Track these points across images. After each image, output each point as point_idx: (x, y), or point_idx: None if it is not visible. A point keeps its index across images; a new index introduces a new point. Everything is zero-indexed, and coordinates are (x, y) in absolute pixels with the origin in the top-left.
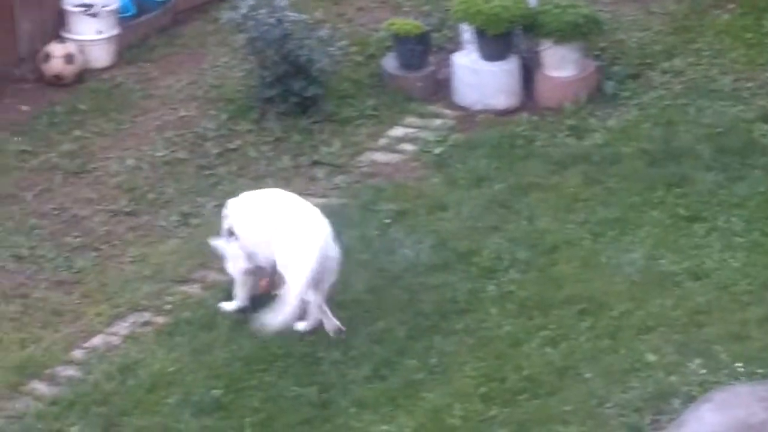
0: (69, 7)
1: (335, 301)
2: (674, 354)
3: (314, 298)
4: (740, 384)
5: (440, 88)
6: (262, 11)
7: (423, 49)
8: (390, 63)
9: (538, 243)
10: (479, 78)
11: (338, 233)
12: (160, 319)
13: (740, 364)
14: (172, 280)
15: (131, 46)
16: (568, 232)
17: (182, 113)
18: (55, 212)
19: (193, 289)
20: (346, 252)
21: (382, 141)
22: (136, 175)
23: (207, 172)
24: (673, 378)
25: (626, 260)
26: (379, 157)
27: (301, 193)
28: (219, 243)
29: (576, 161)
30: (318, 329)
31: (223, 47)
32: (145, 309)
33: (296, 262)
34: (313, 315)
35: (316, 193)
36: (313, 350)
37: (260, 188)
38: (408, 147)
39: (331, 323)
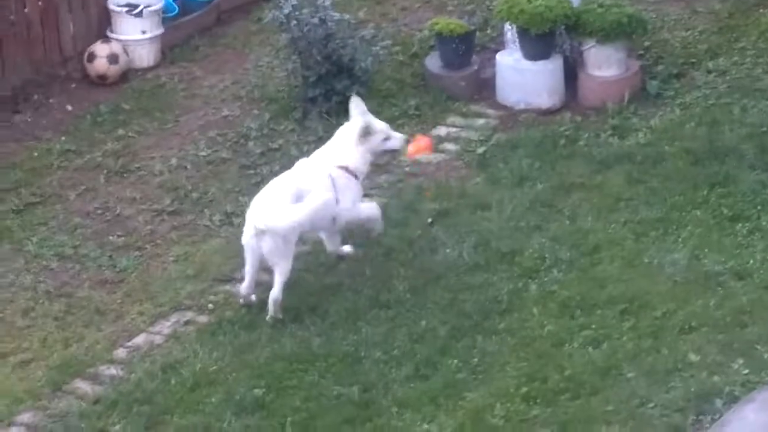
0: (114, 7)
1: (378, 299)
2: (717, 354)
3: None
4: None
5: (483, 88)
6: (305, 11)
7: (466, 49)
8: (433, 62)
9: (581, 243)
10: (522, 77)
11: (381, 234)
12: (203, 319)
13: None
14: (215, 279)
15: (175, 45)
16: (611, 232)
17: (225, 113)
18: (99, 211)
19: (236, 288)
20: (388, 251)
21: None
22: (180, 175)
23: (250, 172)
24: (715, 378)
25: (669, 260)
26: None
27: None
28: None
29: (619, 161)
30: None
31: (266, 47)
32: (187, 308)
33: None
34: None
35: None
36: (354, 349)
37: None
38: (450, 146)
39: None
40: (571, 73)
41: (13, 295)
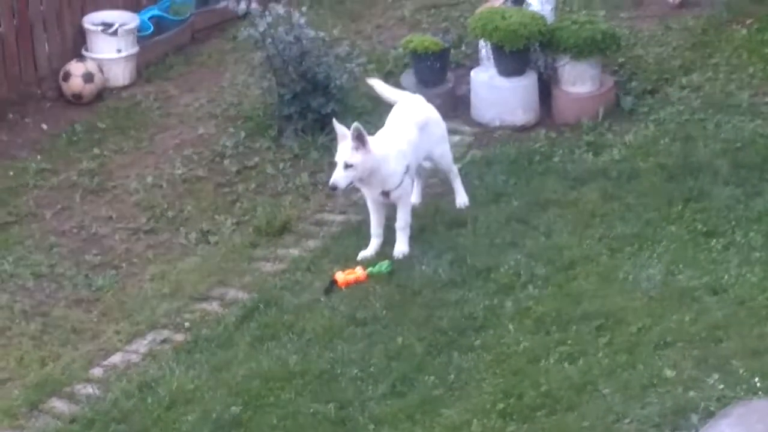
0: (89, 26)
1: (355, 316)
2: (692, 369)
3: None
4: (758, 399)
5: (458, 105)
6: (280, 29)
7: (441, 66)
8: (408, 80)
9: (556, 259)
10: (497, 94)
11: (357, 249)
12: (179, 337)
13: (758, 379)
14: (191, 297)
15: (150, 64)
16: (586, 248)
17: (201, 131)
18: (75, 230)
19: (212, 306)
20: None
21: None
22: (155, 193)
23: (225, 190)
24: (691, 393)
25: (644, 276)
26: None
27: (318, 211)
28: None
29: (594, 177)
30: None
31: (241, 65)
32: (164, 327)
33: None
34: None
35: (334, 209)
36: (331, 367)
37: (279, 205)
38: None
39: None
40: (546, 89)
41: None
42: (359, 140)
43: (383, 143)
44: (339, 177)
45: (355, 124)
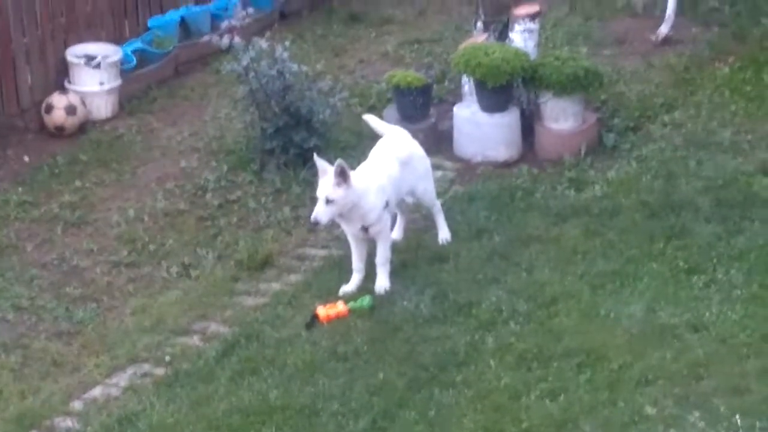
0: (72, 59)
1: (336, 351)
2: (673, 407)
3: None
4: None
5: (441, 140)
6: (263, 63)
7: (424, 101)
8: (391, 115)
9: (538, 295)
10: (479, 130)
11: (339, 284)
12: (160, 371)
13: (739, 417)
14: (172, 331)
15: (133, 97)
16: (568, 285)
17: (183, 164)
18: (56, 263)
19: (193, 340)
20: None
21: None
22: (137, 226)
23: (207, 224)
24: (672, 431)
25: (625, 313)
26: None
27: (300, 245)
28: None
29: (576, 213)
30: None
31: (224, 99)
32: (144, 360)
33: None
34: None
35: (316, 244)
36: (312, 402)
37: (261, 239)
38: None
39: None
40: (528, 125)
41: None
42: (341, 176)
43: (364, 177)
44: (321, 212)
45: (339, 160)
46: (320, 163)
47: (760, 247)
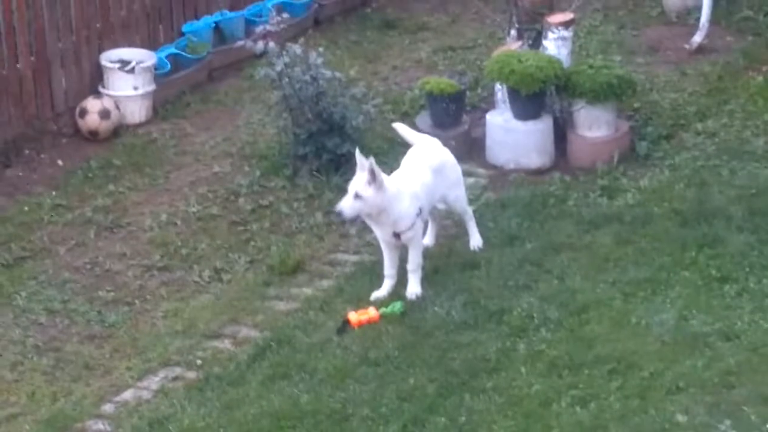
0: (106, 63)
1: (367, 356)
2: (704, 415)
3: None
4: None
5: (474, 147)
6: (297, 69)
7: (457, 108)
8: (424, 121)
9: (569, 302)
10: (512, 137)
11: (371, 289)
12: (191, 374)
13: None
14: (204, 335)
15: (166, 102)
16: (599, 292)
17: (216, 169)
18: (88, 266)
19: (224, 344)
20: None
21: None
22: (169, 231)
23: (240, 228)
24: None
25: (657, 320)
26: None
27: (332, 251)
28: None
29: (608, 221)
30: None
31: (257, 104)
32: (176, 364)
33: None
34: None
35: (348, 249)
36: (342, 407)
37: (293, 244)
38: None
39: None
40: (561, 133)
41: (2, 349)
42: (371, 176)
43: (397, 183)
44: (346, 205)
45: (370, 159)
46: (360, 157)
47: None
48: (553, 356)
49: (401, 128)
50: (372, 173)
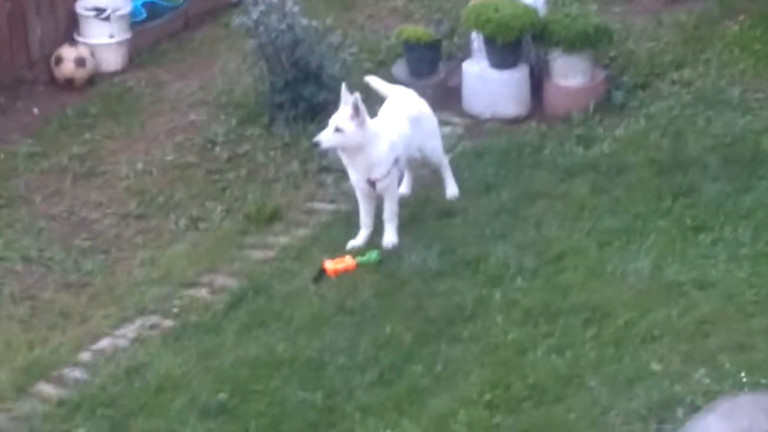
0: (81, 11)
1: (343, 305)
2: (679, 363)
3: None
4: (744, 394)
5: (450, 96)
6: (273, 17)
7: (433, 57)
8: (400, 70)
9: (545, 251)
10: (488, 86)
11: (347, 238)
12: (168, 323)
13: (744, 374)
14: (180, 283)
15: (142, 50)
16: (575, 241)
17: (192, 118)
18: (65, 215)
19: (201, 293)
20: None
21: None
22: (146, 179)
23: (216, 177)
24: (677, 387)
25: (632, 269)
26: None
27: (309, 200)
28: None
29: (583, 170)
30: None
31: (233, 52)
32: (152, 312)
33: None
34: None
35: (324, 198)
36: (318, 355)
37: (269, 193)
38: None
39: None
40: (537, 82)
41: None
42: (354, 110)
43: (378, 126)
44: (325, 137)
45: (356, 94)
46: (345, 92)
47: (767, 205)
48: (528, 305)
49: (374, 81)
50: (356, 108)
